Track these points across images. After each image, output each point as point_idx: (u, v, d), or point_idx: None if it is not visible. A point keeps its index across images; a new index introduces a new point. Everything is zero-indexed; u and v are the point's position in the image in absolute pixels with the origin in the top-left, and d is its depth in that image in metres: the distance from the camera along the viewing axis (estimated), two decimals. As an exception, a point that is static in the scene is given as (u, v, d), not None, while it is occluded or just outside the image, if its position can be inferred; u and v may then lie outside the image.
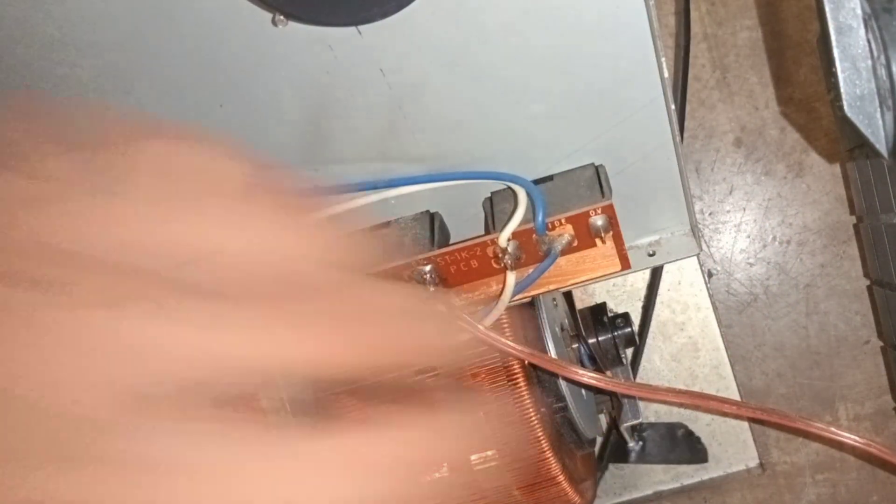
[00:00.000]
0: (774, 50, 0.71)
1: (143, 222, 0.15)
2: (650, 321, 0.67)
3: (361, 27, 0.38)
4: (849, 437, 0.41)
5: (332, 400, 0.52)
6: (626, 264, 0.45)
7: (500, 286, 0.45)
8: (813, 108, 0.71)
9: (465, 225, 0.49)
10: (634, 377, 0.68)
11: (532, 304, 0.51)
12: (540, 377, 0.50)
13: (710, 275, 0.73)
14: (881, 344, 0.72)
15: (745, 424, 0.68)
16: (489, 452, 0.51)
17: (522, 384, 0.49)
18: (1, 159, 0.15)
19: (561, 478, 0.52)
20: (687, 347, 0.68)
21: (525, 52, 0.40)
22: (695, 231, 0.52)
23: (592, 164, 0.46)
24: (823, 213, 0.72)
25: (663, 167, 0.48)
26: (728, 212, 0.73)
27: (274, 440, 0.15)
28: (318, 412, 0.53)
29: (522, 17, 0.38)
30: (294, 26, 0.37)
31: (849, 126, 0.37)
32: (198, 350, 0.14)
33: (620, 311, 0.64)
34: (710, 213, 0.73)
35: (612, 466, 0.70)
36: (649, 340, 0.68)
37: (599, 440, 0.68)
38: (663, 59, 0.41)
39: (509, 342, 0.43)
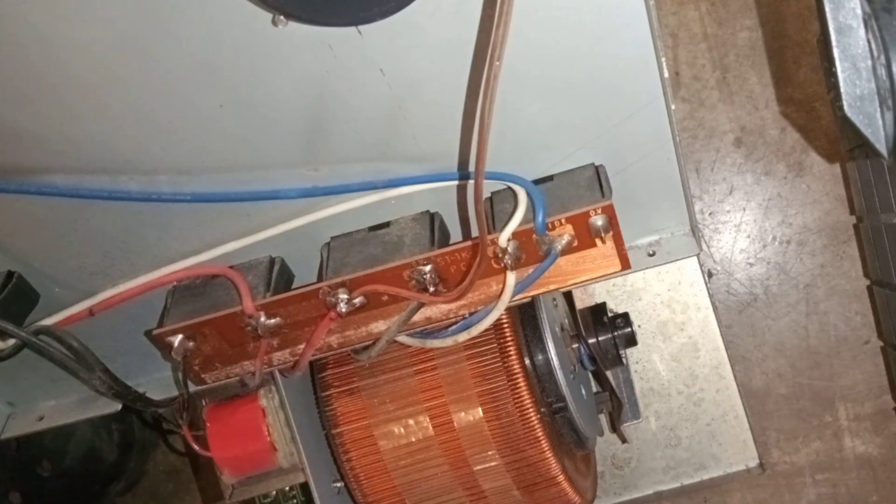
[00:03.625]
0: (774, 50, 0.71)
1: None
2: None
3: (361, 27, 0.38)
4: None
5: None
6: (626, 264, 0.45)
7: (500, 286, 0.45)
8: (813, 108, 0.71)
9: (464, 225, 0.49)
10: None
11: (532, 304, 0.51)
12: (540, 377, 0.51)
13: (710, 275, 0.73)
14: (881, 344, 0.72)
15: (746, 424, 0.68)
16: (489, 452, 0.51)
17: (522, 384, 0.49)
18: None
19: (561, 478, 0.52)
20: (687, 347, 0.68)
21: (525, 52, 0.40)
22: (695, 231, 0.52)
23: (592, 164, 0.46)
24: (823, 213, 0.72)
25: (663, 167, 0.48)
26: (728, 212, 0.73)
27: None
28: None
29: (522, 18, 0.38)
30: (294, 26, 0.37)
31: (849, 126, 0.37)
32: None
33: (620, 311, 0.64)
34: (710, 213, 0.73)
35: (612, 466, 0.70)
36: (649, 340, 0.68)
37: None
38: (663, 59, 0.41)
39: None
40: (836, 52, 0.37)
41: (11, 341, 0.45)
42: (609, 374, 0.61)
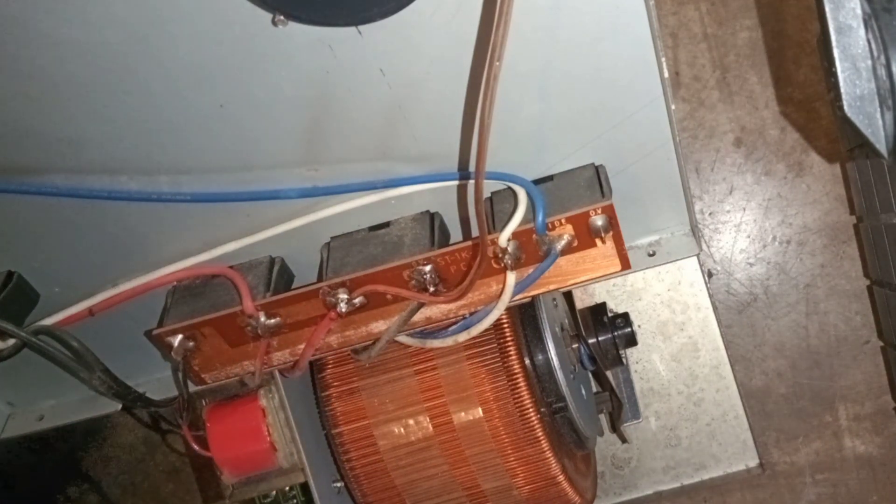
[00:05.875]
0: (774, 50, 0.71)
1: None
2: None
3: (361, 27, 0.38)
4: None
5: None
6: (626, 264, 0.45)
7: (500, 286, 0.45)
8: (813, 108, 0.71)
9: (464, 225, 0.49)
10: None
11: (532, 304, 0.51)
12: (540, 377, 0.51)
13: (710, 275, 0.73)
14: (881, 344, 0.72)
15: (745, 424, 0.68)
16: (489, 452, 0.51)
17: (522, 384, 0.49)
18: None
19: (561, 478, 0.52)
20: (687, 347, 0.68)
21: (525, 52, 0.40)
22: (695, 231, 0.52)
23: (592, 164, 0.46)
24: (823, 213, 0.72)
25: (663, 167, 0.48)
26: (728, 212, 0.73)
27: None
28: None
29: (522, 18, 0.38)
30: (294, 26, 0.37)
31: (849, 126, 0.37)
32: None
33: (620, 311, 0.64)
34: (710, 213, 0.73)
35: (611, 466, 0.70)
36: (649, 340, 0.68)
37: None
38: (663, 59, 0.41)
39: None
40: (836, 52, 0.37)
41: (11, 341, 0.45)
42: (609, 374, 0.61)
